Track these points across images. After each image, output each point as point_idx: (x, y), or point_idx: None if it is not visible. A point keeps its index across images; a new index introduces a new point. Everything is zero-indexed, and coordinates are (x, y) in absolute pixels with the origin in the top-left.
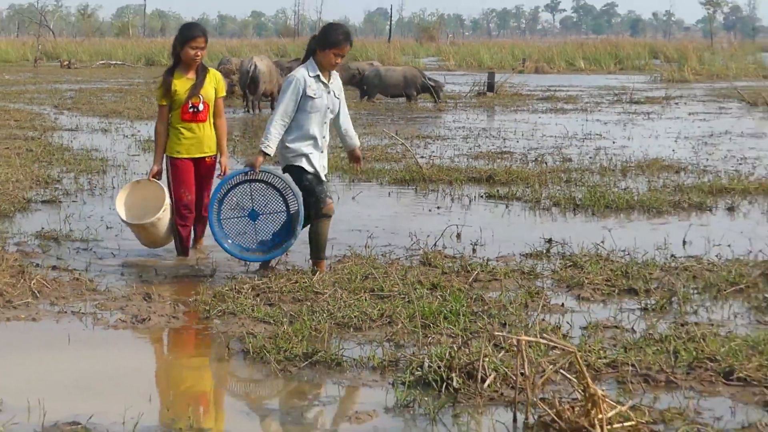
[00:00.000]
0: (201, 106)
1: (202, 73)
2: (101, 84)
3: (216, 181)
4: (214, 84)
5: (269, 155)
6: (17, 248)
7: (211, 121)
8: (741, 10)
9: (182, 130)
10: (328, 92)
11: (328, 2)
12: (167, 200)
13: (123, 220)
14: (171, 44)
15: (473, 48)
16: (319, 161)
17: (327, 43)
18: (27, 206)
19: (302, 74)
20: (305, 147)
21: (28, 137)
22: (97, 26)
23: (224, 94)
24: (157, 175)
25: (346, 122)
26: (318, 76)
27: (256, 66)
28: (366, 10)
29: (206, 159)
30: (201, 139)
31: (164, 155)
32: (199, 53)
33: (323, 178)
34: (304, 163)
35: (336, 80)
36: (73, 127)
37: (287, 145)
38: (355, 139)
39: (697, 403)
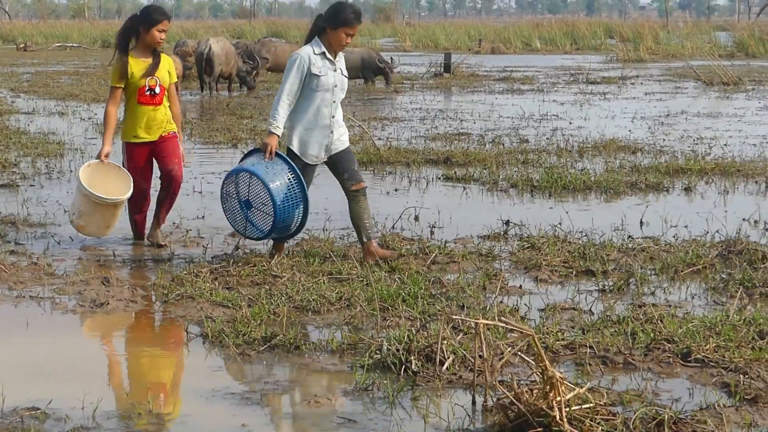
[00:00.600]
0: (158, 89)
1: (155, 56)
2: (58, 67)
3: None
4: (167, 67)
5: (279, 136)
6: None
7: (166, 104)
8: None
9: (138, 113)
10: (335, 70)
11: None
12: (131, 181)
13: (102, 198)
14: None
15: (429, 29)
16: (320, 143)
17: (338, 21)
18: None
19: (307, 51)
20: (305, 130)
21: None
22: (52, 8)
23: (176, 79)
24: (107, 157)
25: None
26: (324, 53)
27: (210, 47)
28: None
29: (164, 136)
30: (159, 123)
31: (121, 140)
32: (163, 36)
33: (323, 158)
34: (295, 147)
35: (341, 59)
36: (29, 111)
37: (289, 125)
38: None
39: (655, 385)
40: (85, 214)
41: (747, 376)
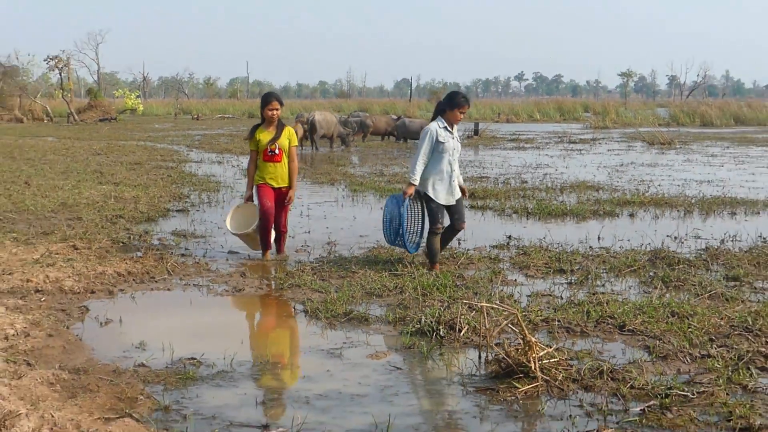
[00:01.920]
0: (277, 151)
1: (279, 128)
2: (219, 131)
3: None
4: (288, 136)
5: (416, 186)
6: (158, 242)
7: (286, 162)
8: (646, 79)
9: (264, 167)
10: (453, 137)
11: (370, 75)
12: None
13: (234, 233)
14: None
15: None
16: (446, 189)
17: (453, 104)
18: (166, 213)
19: (435, 126)
20: (436, 180)
21: (169, 167)
22: (216, 91)
23: (296, 144)
24: (249, 199)
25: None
26: (445, 127)
27: (314, 117)
28: (395, 79)
29: (282, 189)
30: (278, 174)
31: (254, 185)
32: (274, 113)
33: (451, 202)
34: (431, 192)
35: (456, 131)
36: (198, 160)
37: (425, 177)
38: (459, 178)
39: (601, 347)
40: (243, 241)
41: (661, 341)
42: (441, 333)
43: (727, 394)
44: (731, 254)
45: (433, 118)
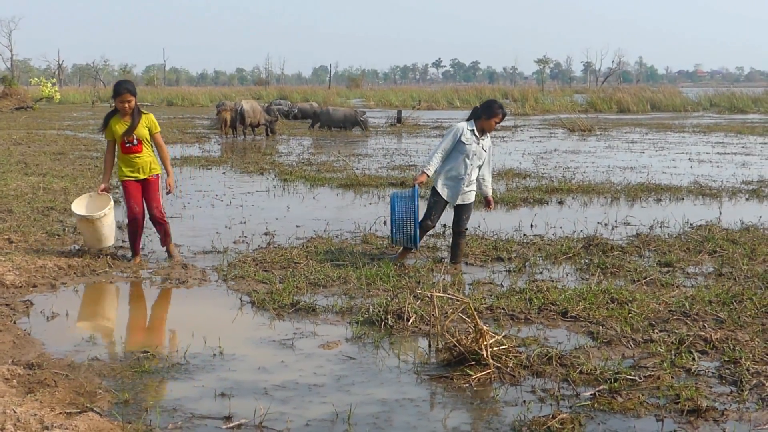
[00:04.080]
0: (135, 142)
1: (136, 117)
2: None
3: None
4: (147, 125)
5: (429, 175)
6: None
7: (149, 151)
8: (561, 66)
9: (124, 159)
10: (478, 143)
11: (289, 61)
12: (110, 204)
13: (78, 215)
14: (183, 92)
15: (385, 92)
16: (454, 191)
17: (490, 114)
18: None
19: (463, 125)
20: (447, 177)
21: (94, 157)
22: (132, 78)
23: (159, 130)
24: (105, 191)
25: (487, 173)
26: (473, 130)
27: (242, 106)
28: (313, 66)
29: (149, 178)
30: (139, 166)
31: (118, 179)
32: (126, 105)
33: (455, 202)
34: (438, 187)
35: (488, 139)
36: None
37: (437, 171)
38: (488, 189)
39: (545, 333)
40: (81, 231)
41: (604, 327)
42: (389, 322)
43: (673, 377)
44: (662, 240)
45: (468, 120)
